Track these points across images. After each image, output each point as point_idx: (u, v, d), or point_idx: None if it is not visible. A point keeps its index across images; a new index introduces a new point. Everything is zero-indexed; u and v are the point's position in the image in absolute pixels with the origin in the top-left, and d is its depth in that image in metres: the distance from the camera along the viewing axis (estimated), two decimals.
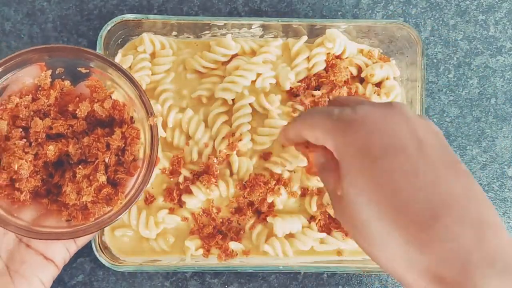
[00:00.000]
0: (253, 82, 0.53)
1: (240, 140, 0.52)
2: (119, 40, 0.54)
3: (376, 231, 0.33)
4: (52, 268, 0.43)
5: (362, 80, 0.56)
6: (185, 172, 0.53)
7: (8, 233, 0.42)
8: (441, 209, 0.32)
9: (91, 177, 0.41)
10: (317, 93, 0.53)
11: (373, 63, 0.55)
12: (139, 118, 0.44)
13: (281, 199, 0.53)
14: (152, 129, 0.42)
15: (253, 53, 0.55)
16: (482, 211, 0.33)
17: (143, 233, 0.52)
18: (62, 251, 0.43)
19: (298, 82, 0.54)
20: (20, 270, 0.41)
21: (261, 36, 0.55)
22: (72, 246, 0.44)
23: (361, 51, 0.56)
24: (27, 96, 0.42)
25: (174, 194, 0.52)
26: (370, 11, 0.58)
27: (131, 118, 0.44)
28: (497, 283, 0.30)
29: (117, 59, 0.54)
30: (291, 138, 0.43)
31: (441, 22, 0.59)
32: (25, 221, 0.41)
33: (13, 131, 0.41)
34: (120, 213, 0.41)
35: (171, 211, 0.53)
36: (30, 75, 0.42)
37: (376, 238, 0.33)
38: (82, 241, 0.45)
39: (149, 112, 0.42)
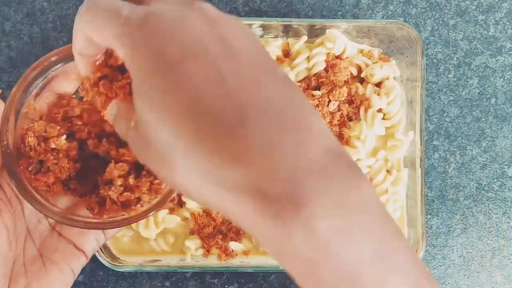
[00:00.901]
0: None
1: None
2: None
3: (179, 154, 0.26)
4: (82, 257, 0.43)
5: (362, 80, 0.56)
6: None
7: (42, 221, 0.43)
8: (252, 112, 0.25)
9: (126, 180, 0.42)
10: (317, 93, 0.53)
11: (373, 63, 0.55)
12: None
13: None
14: None
15: None
16: (302, 114, 0.27)
17: (143, 233, 0.52)
18: (92, 242, 0.44)
19: (298, 82, 0.54)
20: (53, 258, 0.42)
21: (261, 36, 0.55)
22: (101, 237, 0.44)
23: (361, 51, 0.56)
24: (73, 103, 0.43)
25: (174, 194, 0.52)
26: (370, 11, 0.58)
27: None
28: (335, 188, 0.25)
29: None
30: (81, 48, 0.32)
31: (441, 22, 0.59)
32: (60, 208, 0.42)
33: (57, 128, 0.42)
34: (151, 211, 0.42)
35: (171, 211, 0.53)
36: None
37: (177, 161, 0.27)
38: (111, 233, 0.45)
39: None
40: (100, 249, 0.50)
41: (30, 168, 0.41)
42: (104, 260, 0.50)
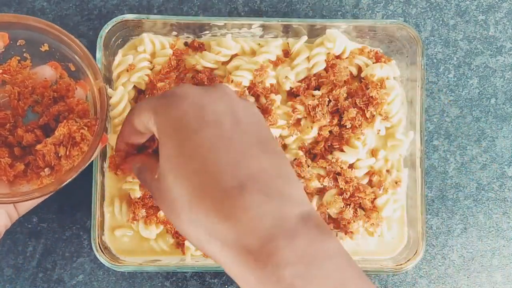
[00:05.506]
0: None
1: None
2: (119, 40, 0.54)
3: (184, 205, 0.33)
4: None
5: (362, 80, 0.56)
6: None
7: None
8: (247, 181, 0.33)
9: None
10: (317, 93, 0.53)
11: (373, 63, 0.55)
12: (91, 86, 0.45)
13: None
14: (101, 92, 0.44)
15: (253, 53, 0.55)
16: (285, 185, 0.34)
17: (143, 233, 0.52)
18: (4, 218, 0.45)
19: (298, 82, 0.54)
20: None
21: (261, 36, 0.55)
22: (13, 214, 0.45)
23: (361, 51, 0.56)
24: None
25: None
26: (370, 11, 0.58)
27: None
28: (300, 241, 0.32)
29: (117, 59, 0.54)
30: (126, 139, 0.43)
31: (441, 22, 0.59)
32: None
33: None
34: (64, 180, 0.42)
35: None
36: None
37: (184, 212, 0.34)
38: (23, 207, 0.46)
39: (96, 76, 0.44)
40: (100, 249, 0.50)
41: None
42: (104, 260, 0.50)
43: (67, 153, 0.42)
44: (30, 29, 0.43)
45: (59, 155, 0.42)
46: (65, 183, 0.41)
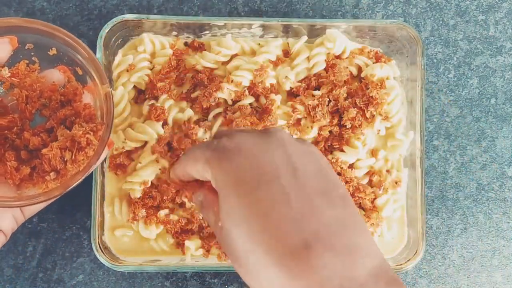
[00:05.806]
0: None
1: None
2: (119, 40, 0.54)
3: (252, 263, 0.33)
4: (1, 236, 0.45)
5: (362, 80, 0.56)
6: None
7: None
8: (312, 238, 0.32)
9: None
10: (317, 93, 0.53)
11: (373, 63, 0.55)
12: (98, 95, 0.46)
13: None
14: (107, 97, 0.44)
15: (253, 53, 0.55)
16: (352, 237, 0.33)
17: (143, 233, 0.52)
18: (10, 221, 0.45)
19: (298, 82, 0.54)
20: None
21: (261, 36, 0.55)
22: (19, 217, 0.46)
23: (361, 51, 0.56)
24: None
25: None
26: (370, 11, 0.58)
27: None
28: None
29: (117, 59, 0.54)
30: (179, 176, 0.42)
31: (441, 22, 0.59)
32: None
33: None
34: (70, 185, 0.42)
35: (171, 211, 0.53)
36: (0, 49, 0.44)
37: (252, 269, 0.33)
38: (29, 211, 0.46)
39: (103, 81, 0.44)
40: (100, 249, 0.50)
41: None
42: (104, 260, 0.50)
43: (73, 157, 0.42)
44: (38, 33, 0.43)
45: (65, 159, 0.42)
46: (71, 187, 0.41)
